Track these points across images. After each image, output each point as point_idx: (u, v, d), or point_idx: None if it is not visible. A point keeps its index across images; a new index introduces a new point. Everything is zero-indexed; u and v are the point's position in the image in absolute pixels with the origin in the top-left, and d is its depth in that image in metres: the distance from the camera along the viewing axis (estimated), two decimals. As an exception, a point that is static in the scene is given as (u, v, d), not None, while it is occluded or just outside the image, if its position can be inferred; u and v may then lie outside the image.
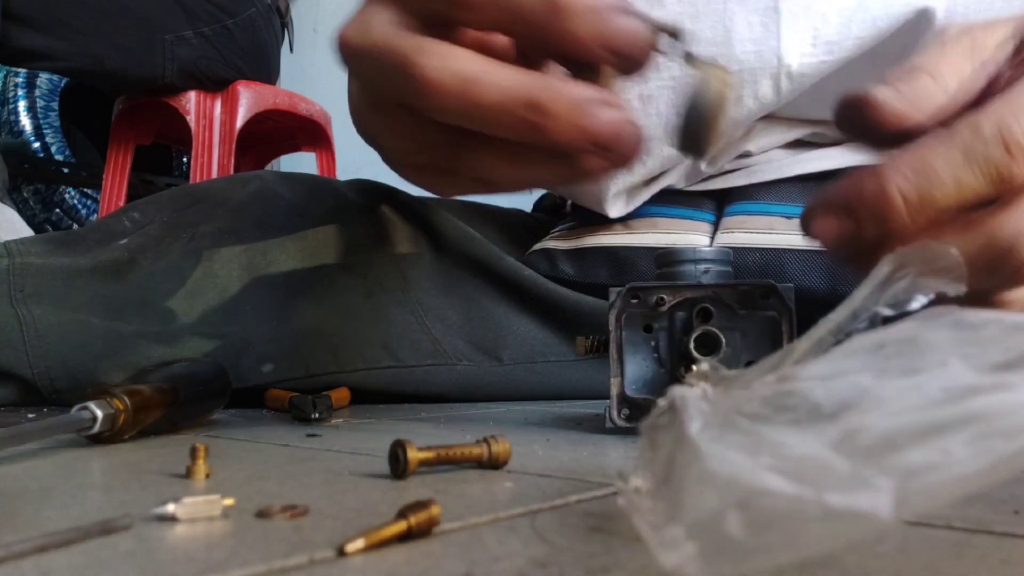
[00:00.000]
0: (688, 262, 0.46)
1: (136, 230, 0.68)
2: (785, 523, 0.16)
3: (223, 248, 0.67)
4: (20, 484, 0.31)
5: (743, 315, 0.43)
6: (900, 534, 0.24)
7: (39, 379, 0.60)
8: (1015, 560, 0.22)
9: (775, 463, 0.18)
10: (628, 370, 0.45)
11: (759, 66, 0.62)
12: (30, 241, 0.68)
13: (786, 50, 0.61)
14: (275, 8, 1.69)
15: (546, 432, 0.48)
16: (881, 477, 0.17)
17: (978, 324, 0.21)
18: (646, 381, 0.45)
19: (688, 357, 0.42)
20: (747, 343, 0.43)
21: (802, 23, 0.60)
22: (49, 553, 0.22)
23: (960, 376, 0.20)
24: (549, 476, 0.34)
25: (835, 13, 0.60)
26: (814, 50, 0.61)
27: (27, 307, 0.61)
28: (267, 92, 1.64)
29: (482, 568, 0.21)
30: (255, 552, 0.22)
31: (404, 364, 0.69)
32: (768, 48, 0.61)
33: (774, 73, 0.61)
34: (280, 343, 0.65)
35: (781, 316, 0.42)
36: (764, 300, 0.43)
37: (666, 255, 0.47)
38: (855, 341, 0.23)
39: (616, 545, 0.23)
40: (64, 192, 1.96)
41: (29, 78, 1.97)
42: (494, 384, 0.72)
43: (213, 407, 0.53)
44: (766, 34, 0.61)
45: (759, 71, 0.62)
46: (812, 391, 0.21)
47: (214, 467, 0.33)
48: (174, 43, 1.49)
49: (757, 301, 0.43)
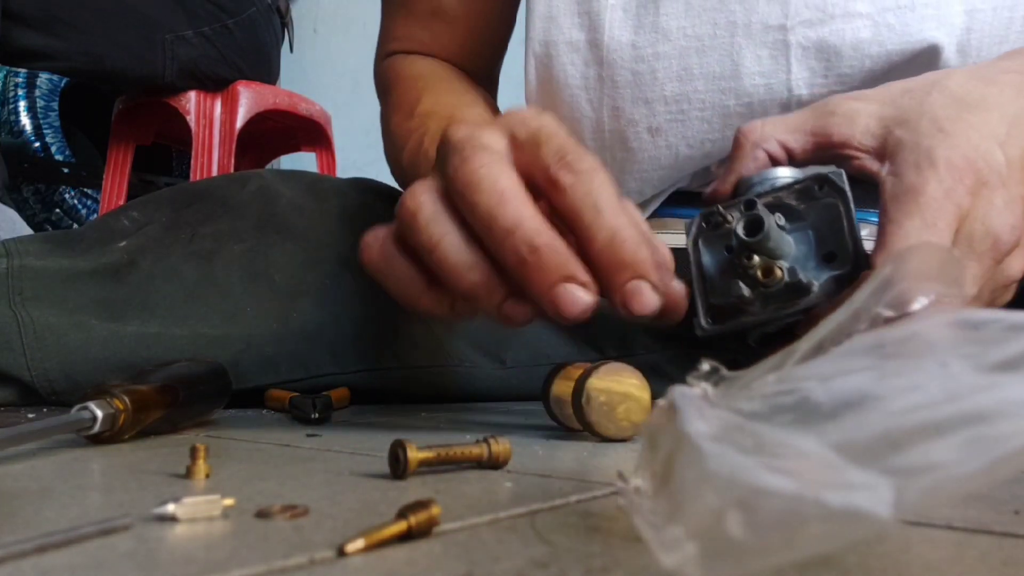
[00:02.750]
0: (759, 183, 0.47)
1: (136, 229, 0.68)
2: (785, 523, 0.16)
3: (223, 248, 0.67)
4: (20, 484, 0.31)
5: (804, 209, 0.44)
6: (900, 534, 0.24)
7: (38, 381, 0.60)
8: (1015, 560, 0.22)
9: (775, 463, 0.18)
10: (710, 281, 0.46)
11: (768, 98, 0.61)
12: (29, 240, 0.68)
13: (796, 82, 0.60)
14: (275, 8, 1.69)
15: (546, 432, 0.48)
16: (881, 477, 0.17)
17: (978, 324, 0.21)
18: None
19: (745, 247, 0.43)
20: (818, 235, 0.44)
21: (813, 57, 0.60)
22: (49, 553, 0.22)
23: (960, 376, 0.20)
24: (549, 476, 0.34)
25: (849, 47, 0.59)
26: (825, 81, 0.60)
27: (26, 309, 0.61)
28: (267, 92, 1.64)
29: (482, 568, 0.21)
30: (255, 552, 0.22)
31: (406, 365, 0.69)
32: (778, 81, 0.61)
33: (784, 102, 0.61)
34: (280, 343, 0.65)
35: (839, 200, 0.43)
36: (820, 191, 0.44)
37: (743, 182, 0.48)
38: (855, 341, 0.23)
39: (616, 545, 0.23)
40: (64, 192, 1.96)
41: (29, 78, 1.97)
42: (496, 386, 0.71)
43: (213, 407, 0.53)
44: (775, 67, 0.61)
45: (768, 102, 0.61)
46: (812, 391, 0.21)
47: (214, 467, 0.33)
48: (174, 43, 1.49)
49: (815, 193, 0.44)
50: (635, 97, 0.64)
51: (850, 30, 0.59)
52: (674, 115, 0.63)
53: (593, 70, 0.64)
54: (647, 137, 0.64)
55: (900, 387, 0.20)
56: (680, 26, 0.62)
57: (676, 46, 0.62)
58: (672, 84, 0.62)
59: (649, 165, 0.65)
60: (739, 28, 0.61)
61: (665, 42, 0.62)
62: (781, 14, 0.60)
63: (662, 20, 0.62)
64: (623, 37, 0.63)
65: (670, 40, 0.62)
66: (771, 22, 0.60)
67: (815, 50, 0.60)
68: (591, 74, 0.64)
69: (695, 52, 0.62)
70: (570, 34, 0.65)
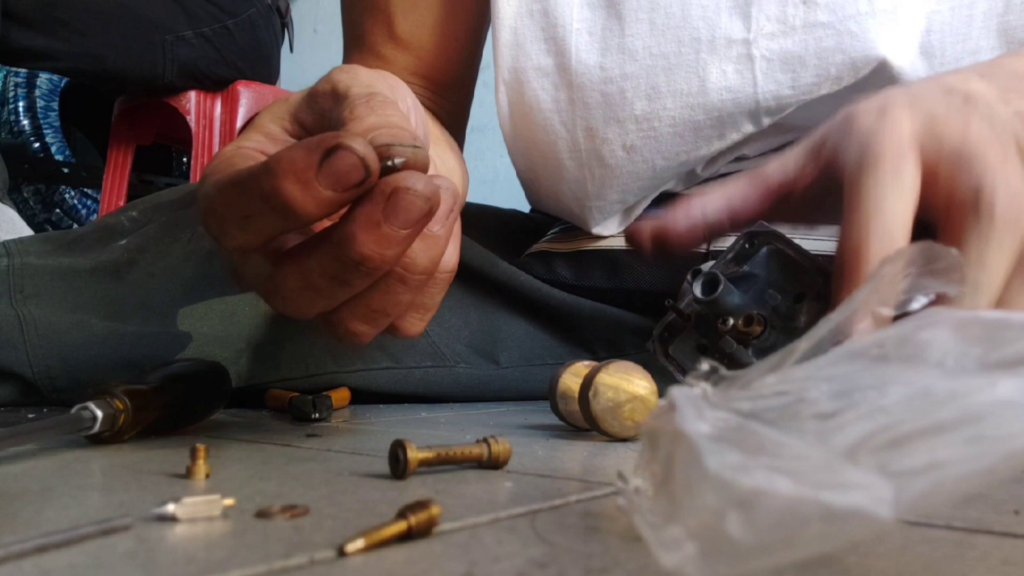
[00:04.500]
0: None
1: (135, 229, 0.68)
2: (785, 523, 0.16)
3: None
4: (20, 484, 0.31)
5: (750, 270, 0.44)
6: (900, 534, 0.24)
7: (39, 378, 0.60)
8: (1015, 560, 0.22)
9: (775, 463, 0.18)
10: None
11: (736, 110, 0.62)
12: (29, 240, 0.68)
13: (763, 94, 0.61)
14: (275, 8, 1.69)
15: (546, 432, 0.48)
16: (881, 477, 0.17)
17: (978, 324, 0.21)
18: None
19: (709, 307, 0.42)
20: (778, 286, 0.43)
21: (778, 69, 0.60)
22: (49, 553, 0.22)
23: (959, 376, 0.20)
24: (549, 476, 0.34)
25: (813, 56, 0.59)
26: (792, 92, 0.60)
27: (27, 307, 0.61)
28: (267, 92, 1.64)
29: (482, 568, 0.21)
30: (255, 552, 0.22)
31: (403, 365, 0.69)
32: (745, 94, 0.61)
33: (752, 112, 0.62)
34: (280, 342, 0.65)
35: (775, 243, 0.43)
36: (752, 246, 0.44)
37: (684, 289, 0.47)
38: (855, 341, 0.23)
39: (616, 545, 0.23)
40: (64, 192, 1.96)
41: (29, 78, 1.97)
42: (492, 386, 0.72)
43: (213, 407, 0.53)
44: (741, 81, 0.61)
45: (737, 114, 0.62)
46: (811, 391, 0.21)
47: (214, 467, 0.33)
48: (174, 43, 1.49)
49: (749, 250, 0.44)
50: (607, 117, 0.64)
51: (813, 40, 0.60)
52: (646, 132, 0.64)
53: (564, 93, 0.65)
54: (622, 154, 0.65)
55: (900, 387, 0.20)
56: (646, 45, 0.62)
57: (643, 65, 0.63)
58: (641, 103, 0.63)
59: (628, 179, 0.66)
60: (703, 44, 0.61)
61: (632, 62, 0.63)
62: (743, 28, 0.61)
63: (628, 41, 0.63)
64: (590, 60, 0.64)
65: (636, 60, 0.63)
66: (735, 36, 0.61)
67: (779, 62, 0.60)
68: (562, 97, 0.65)
69: (662, 70, 0.62)
70: (538, 60, 0.65)
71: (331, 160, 0.32)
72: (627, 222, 0.69)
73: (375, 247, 0.34)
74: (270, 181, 0.33)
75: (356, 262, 0.34)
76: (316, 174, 0.32)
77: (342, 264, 0.35)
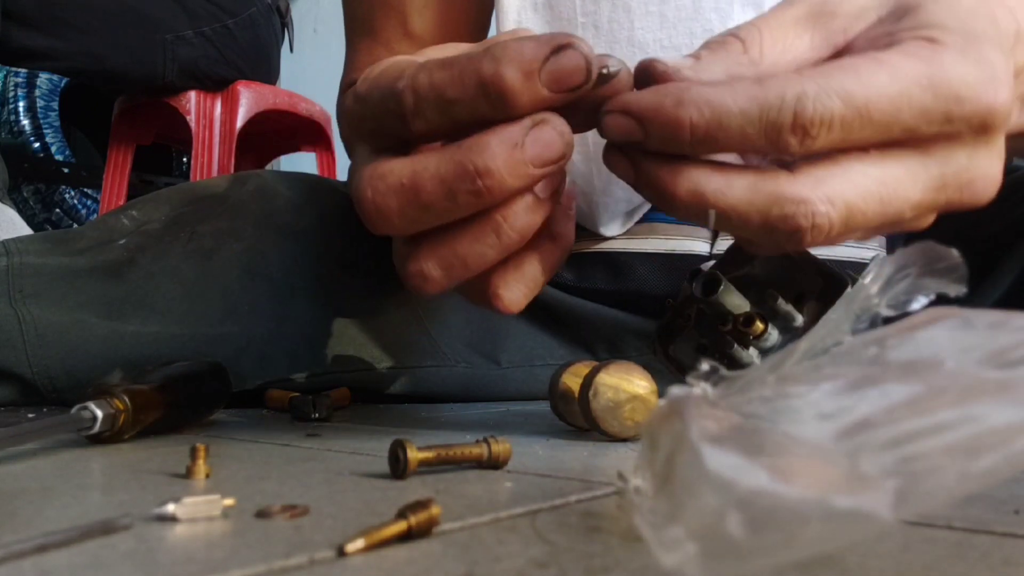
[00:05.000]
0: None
1: (135, 228, 0.68)
2: (785, 523, 0.16)
3: (222, 247, 0.67)
4: (20, 484, 0.31)
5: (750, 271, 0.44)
6: (900, 534, 0.24)
7: (39, 378, 0.60)
8: (1015, 560, 0.22)
9: (776, 463, 0.18)
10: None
11: None
12: (28, 239, 0.68)
13: None
14: (275, 8, 1.69)
15: (546, 432, 0.48)
16: (881, 477, 0.17)
17: (978, 324, 0.21)
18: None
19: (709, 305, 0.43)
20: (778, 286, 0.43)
21: None
22: (49, 553, 0.22)
23: (960, 376, 0.20)
24: (549, 476, 0.34)
25: None
26: None
27: (26, 307, 0.61)
28: (267, 92, 1.64)
29: (482, 568, 0.21)
30: (255, 552, 0.22)
31: (403, 364, 0.69)
32: None
33: None
34: (280, 342, 0.65)
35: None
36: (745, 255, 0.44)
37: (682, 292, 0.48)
38: (855, 341, 0.23)
39: (616, 545, 0.23)
40: (64, 192, 1.96)
41: (29, 78, 1.97)
42: (493, 386, 0.72)
43: (213, 407, 0.53)
44: None
45: None
46: (812, 391, 0.21)
47: (214, 467, 0.33)
48: (174, 43, 1.49)
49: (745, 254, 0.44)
50: None
51: None
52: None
53: None
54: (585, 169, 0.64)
55: (900, 387, 0.20)
56: (656, 39, 0.62)
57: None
58: None
59: None
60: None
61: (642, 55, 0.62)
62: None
63: (637, 34, 0.62)
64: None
65: (647, 53, 0.62)
66: None
67: None
68: None
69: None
70: None
71: (559, 57, 0.32)
72: (630, 224, 0.69)
73: (502, 164, 0.34)
74: (493, 66, 0.33)
75: (477, 172, 0.34)
76: (540, 68, 0.32)
77: (461, 170, 0.34)
